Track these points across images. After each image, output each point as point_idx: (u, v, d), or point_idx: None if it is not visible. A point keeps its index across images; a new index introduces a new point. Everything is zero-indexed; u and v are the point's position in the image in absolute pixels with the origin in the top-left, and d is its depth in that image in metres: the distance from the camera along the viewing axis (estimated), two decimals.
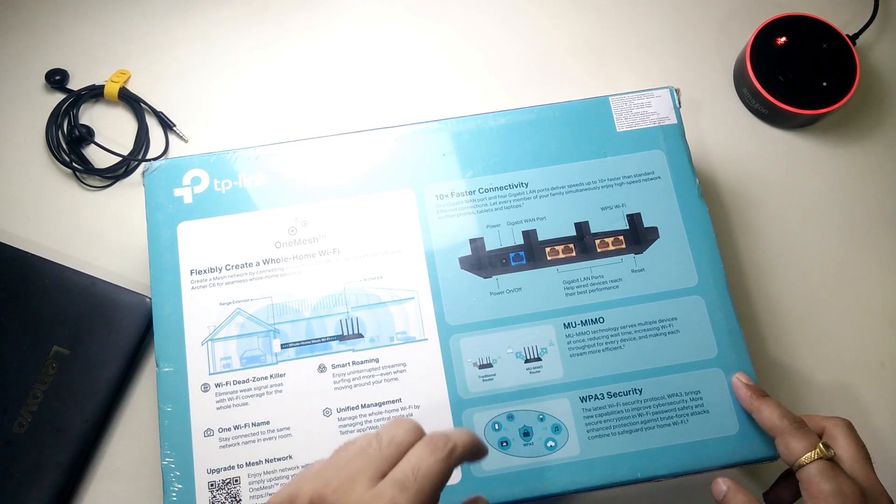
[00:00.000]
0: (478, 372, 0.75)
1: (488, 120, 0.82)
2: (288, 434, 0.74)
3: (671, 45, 1.00)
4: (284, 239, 0.78)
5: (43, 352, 0.83)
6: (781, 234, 0.93)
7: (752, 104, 0.97)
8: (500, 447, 0.74)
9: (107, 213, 0.92)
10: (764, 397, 0.73)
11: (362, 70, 0.99)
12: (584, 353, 0.76)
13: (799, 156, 0.96)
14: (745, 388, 0.73)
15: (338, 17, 1.01)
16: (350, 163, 0.81)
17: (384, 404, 0.74)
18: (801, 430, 0.69)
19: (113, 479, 0.84)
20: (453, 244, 0.79)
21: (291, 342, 0.76)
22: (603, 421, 0.75)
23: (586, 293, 0.78)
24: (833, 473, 0.66)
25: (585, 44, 1.00)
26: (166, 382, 0.75)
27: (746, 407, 0.73)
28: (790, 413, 0.71)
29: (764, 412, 0.71)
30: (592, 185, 0.81)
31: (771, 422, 0.70)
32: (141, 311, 0.85)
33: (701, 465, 0.74)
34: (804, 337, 0.89)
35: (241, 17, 1.00)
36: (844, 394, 0.88)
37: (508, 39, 1.00)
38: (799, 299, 0.91)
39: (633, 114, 0.83)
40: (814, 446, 0.67)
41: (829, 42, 0.95)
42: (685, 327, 0.77)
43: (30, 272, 0.86)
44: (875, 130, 0.98)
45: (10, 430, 0.81)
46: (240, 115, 0.96)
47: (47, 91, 0.96)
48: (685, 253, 0.79)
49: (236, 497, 0.72)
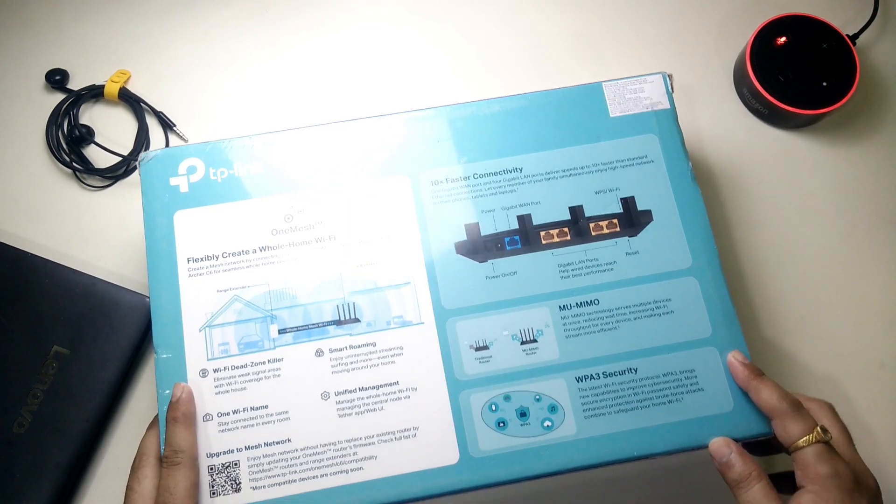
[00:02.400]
0: (474, 354, 0.76)
1: (482, 107, 0.83)
2: (287, 418, 0.74)
3: (671, 45, 1.01)
4: (280, 226, 0.79)
5: (43, 352, 0.84)
6: (781, 234, 0.93)
7: (752, 104, 0.97)
8: (497, 428, 0.74)
9: (107, 213, 0.93)
10: (761, 377, 0.73)
11: (361, 66, 0.99)
12: (579, 334, 0.77)
13: (799, 156, 0.96)
14: (743, 368, 0.74)
15: (338, 17, 1.01)
16: (345, 150, 0.82)
17: (382, 387, 0.75)
18: (799, 412, 0.69)
19: (113, 479, 0.85)
20: (449, 229, 0.79)
21: (289, 327, 0.76)
22: (599, 400, 0.75)
23: (581, 276, 0.78)
24: (829, 456, 0.67)
25: (585, 43, 1.01)
26: (165, 369, 0.75)
27: (744, 386, 0.73)
28: (788, 395, 0.71)
29: (762, 393, 0.71)
30: (586, 169, 0.81)
31: (769, 403, 0.71)
32: (141, 311, 0.85)
33: (696, 442, 0.74)
34: (804, 337, 0.90)
35: (242, 17, 1.01)
36: (844, 394, 0.88)
37: (509, 40, 1.01)
38: (799, 299, 0.91)
39: (626, 99, 0.83)
40: (811, 430, 0.68)
41: (829, 42, 0.95)
42: (679, 308, 0.77)
43: (30, 272, 0.86)
44: (875, 130, 0.98)
45: (10, 430, 0.81)
46: (240, 114, 0.97)
47: (47, 91, 0.97)
48: (679, 235, 0.79)
49: (236, 480, 0.72)
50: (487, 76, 0.99)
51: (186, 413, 0.73)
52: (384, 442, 0.74)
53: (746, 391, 0.73)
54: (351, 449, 0.73)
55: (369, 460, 0.73)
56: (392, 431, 0.74)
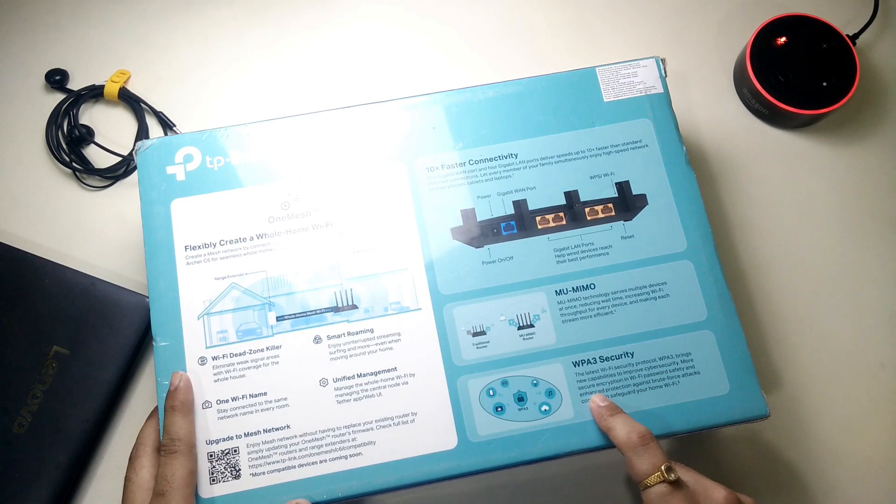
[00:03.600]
0: (471, 339, 0.76)
1: (477, 92, 0.84)
2: (285, 404, 0.74)
3: (671, 44, 1.01)
4: (277, 214, 0.79)
5: (43, 352, 0.84)
6: (781, 234, 0.93)
7: (752, 104, 0.97)
8: (495, 413, 0.74)
9: (107, 213, 0.93)
10: (617, 414, 0.73)
11: (357, 56, 1.00)
12: (576, 318, 0.77)
13: (799, 156, 0.96)
14: (599, 408, 0.73)
15: (339, 17, 1.02)
16: (341, 138, 0.82)
17: (380, 373, 0.75)
18: (647, 448, 0.69)
19: (113, 479, 0.84)
20: (445, 215, 0.80)
21: (287, 314, 0.77)
22: (596, 384, 0.75)
23: (577, 260, 0.78)
24: (670, 498, 0.67)
25: (585, 42, 1.01)
26: (163, 357, 0.75)
27: (601, 425, 0.73)
28: (639, 429, 0.70)
29: (615, 428, 0.71)
30: (581, 154, 0.82)
31: (620, 438, 0.70)
32: (141, 311, 0.86)
33: (693, 424, 0.74)
34: (804, 337, 0.89)
35: (242, 17, 1.01)
36: (844, 394, 0.88)
37: (509, 39, 1.01)
38: (799, 299, 0.91)
39: (619, 84, 0.84)
40: (656, 468, 0.68)
41: (829, 42, 0.95)
42: (675, 291, 0.78)
43: (30, 272, 0.86)
44: (875, 130, 0.98)
45: (10, 430, 0.81)
46: (240, 114, 0.97)
47: (47, 91, 0.97)
48: (673, 218, 0.80)
49: (235, 466, 0.72)
50: (482, 62, 1.00)
51: (184, 402, 0.73)
52: (383, 427, 0.74)
53: (605, 432, 0.73)
54: (350, 435, 0.73)
55: (368, 446, 0.73)
56: (390, 417, 0.74)
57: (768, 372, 0.87)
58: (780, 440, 0.85)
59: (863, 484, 0.85)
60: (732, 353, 0.76)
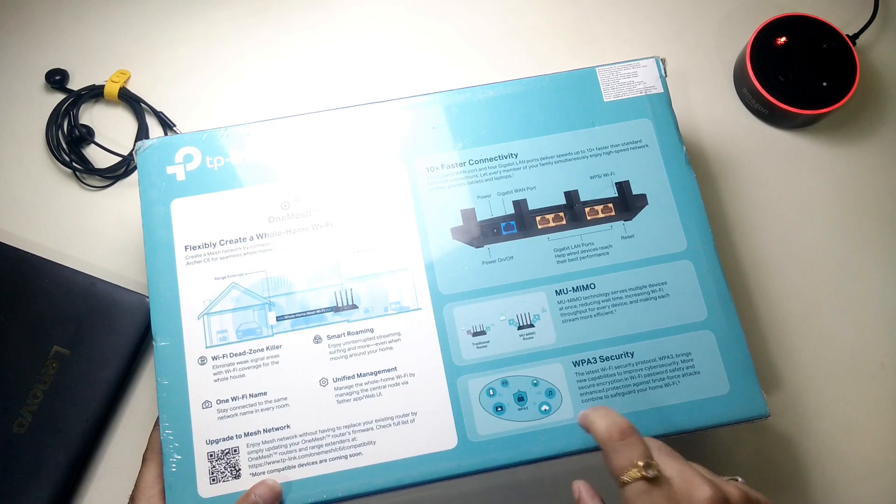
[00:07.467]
0: (471, 339, 0.76)
1: (477, 92, 0.83)
2: (285, 404, 0.74)
3: (671, 44, 1.01)
4: (277, 213, 0.79)
5: (43, 352, 0.84)
6: (781, 234, 0.93)
7: (752, 104, 0.97)
8: (495, 412, 0.74)
9: (107, 213, 0.93)
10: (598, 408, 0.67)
11: (357, 57, 1.00)
12: (576, 318, 0.77)
13: (799, 156, 0.96)
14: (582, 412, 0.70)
15: (338, 16, 1.02)
16: (341, 138, 0.82)
17: (380, 373, 0.75)
18: (626, 443, 0.63)
19: (113, 479, 0.84)
20: (445, 215, 0.80)
21: (287, 314, 0.76)
22: (596, 384, 0.75)
23: (577, 260, 0.78)
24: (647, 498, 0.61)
25: (585, 42, 1.01)
26: (163, 357, 0.75)
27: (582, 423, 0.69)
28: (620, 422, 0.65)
29: (596, 423, 0.65)
30: (581, 154, 0.82)
31: (599, 433, 0.65)
32: (141, 311, 0.86)
33: (693, 424, 0.74)
34: (804, 337, 0.90)
35: (242, 17, 1.01)
36: (844, 394, 0.88)
37: (509, 39, 1.01)
38: (798, 299, 0.91)
39: (619, 84, 0.84)
40: (633, 464, 0.62)
41: (829, 42, 0.95)
42: (675, 291, 0.78)
43: (30, 272, 0.86)
44: (875, 130, 0.98)
45: (10, 430, 0.81)
46: (240, 114, 0.97)
47: (47, 91, 0.97)
48: (674, 218, 0.80)
49: (235, 466, 0.72)
50: (482, 62, 1.00)
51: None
52: (383, 427, 0.74)
53: (586, 429, 0.68)
54: (350, 435, 0.73)
55: (368, 446, 0.73)
56: (390, 417, 0.74)
57: (768, 372, 0.87)
58: (780, 440, 0.85)
59: (863, 484, 0.85)
60: (732, 352, 0.76)
